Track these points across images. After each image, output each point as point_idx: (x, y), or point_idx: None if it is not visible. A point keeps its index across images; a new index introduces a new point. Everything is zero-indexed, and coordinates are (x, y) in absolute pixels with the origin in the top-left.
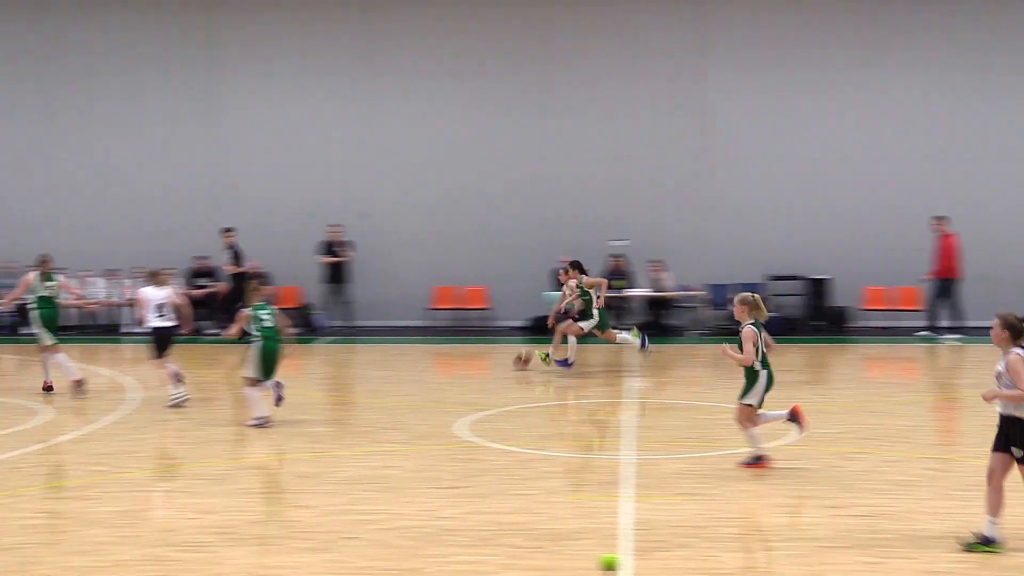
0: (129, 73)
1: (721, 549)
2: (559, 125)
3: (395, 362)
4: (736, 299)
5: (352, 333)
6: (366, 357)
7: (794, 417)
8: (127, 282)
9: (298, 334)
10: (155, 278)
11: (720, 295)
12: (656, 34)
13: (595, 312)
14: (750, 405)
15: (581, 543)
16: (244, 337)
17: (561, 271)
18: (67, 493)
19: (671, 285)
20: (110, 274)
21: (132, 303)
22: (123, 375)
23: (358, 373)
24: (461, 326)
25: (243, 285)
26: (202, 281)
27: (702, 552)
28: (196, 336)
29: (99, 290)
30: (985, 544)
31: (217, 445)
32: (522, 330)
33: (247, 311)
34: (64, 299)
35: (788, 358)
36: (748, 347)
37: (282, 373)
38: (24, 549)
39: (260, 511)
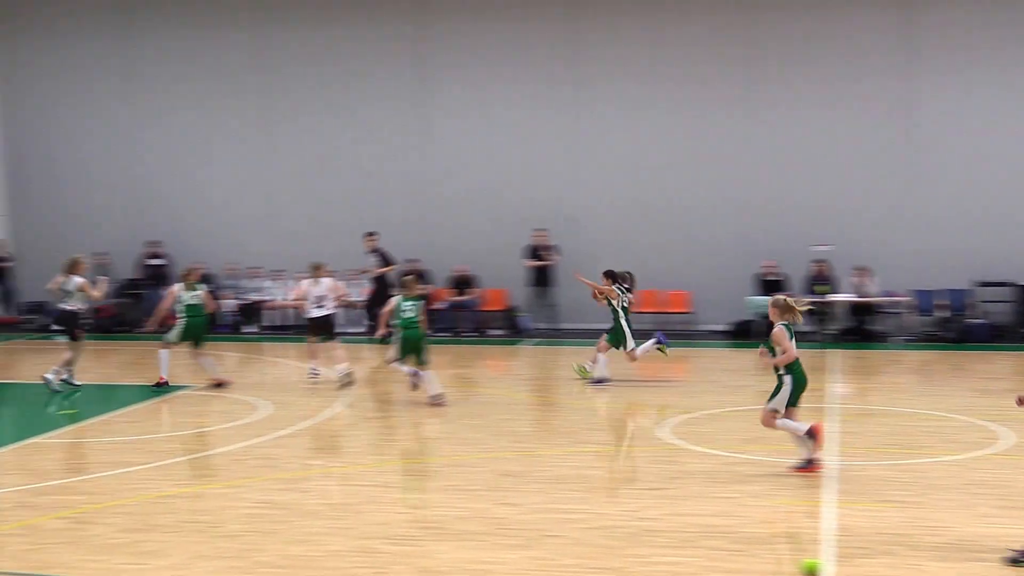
0: (339, 83)
1: (926, 558)
2: (764, 130)
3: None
4: (770, 301)
5: (556, 335)
6: (570, 359)
7: (812, 435)
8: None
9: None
10: (316, 271)
11: (927, 301)
12: (862, 39)
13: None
14: (775, 411)
15: (783, 547)
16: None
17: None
18: (284, 485)
19: (875, 291)
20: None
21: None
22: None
23: (562, 375)
24: (664, 329)
25: (386, 288)
26: None
27: (906, 560)
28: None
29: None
30: None
31: (426, 442)
32: (725, 334)
33: (393, 302)
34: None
35: (996, 366)
36: (784, 345)
37: (489, 375)
38: (245, 537)
39: (467, 507)
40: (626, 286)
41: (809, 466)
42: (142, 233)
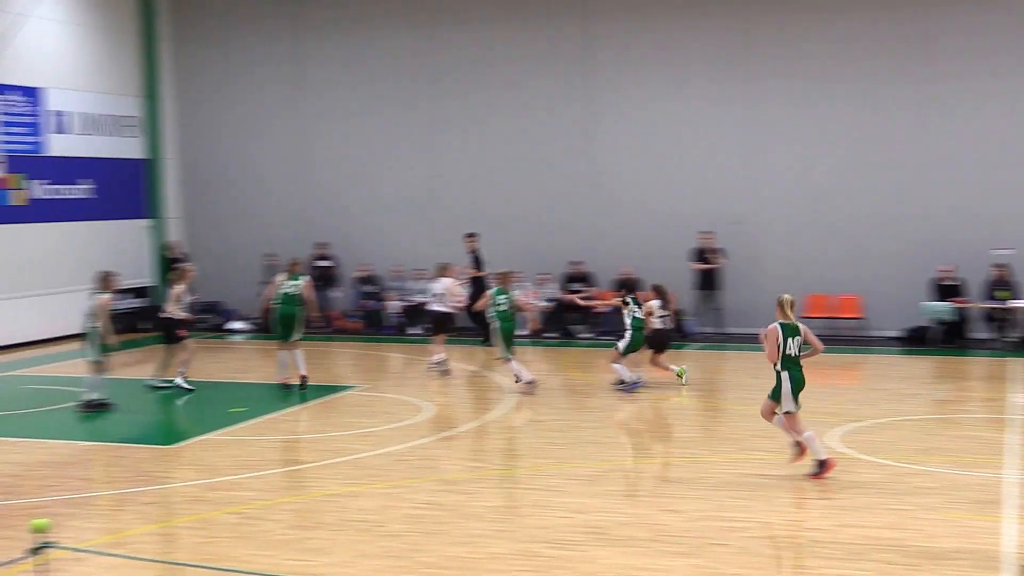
0: (504, 84)
1: None
2: (938, 130)
3: (766, 370)
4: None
5: (722, 340)
6: (736, 364)
7: (801, 451)
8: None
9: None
10: (443, 271)
11: None
12: None
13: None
14: (788, 412)
15: (958, 563)
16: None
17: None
18: (447, 487)
19: None
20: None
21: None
22: (500, 375)
23: (728, 380)
24: (834, 335)
25: (483, 291)
26: (576, 286)
27: None
28: (567, 340)
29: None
30: None
31: (589, 446)
32: (898, 341)
33: (489, 294)
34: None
35: None
36: (766, 345)
37: (653, 380)
38: (409, 537)
39: (630, 513)
40: (657, 301)
41: (822, 469)
42: (311, 235)
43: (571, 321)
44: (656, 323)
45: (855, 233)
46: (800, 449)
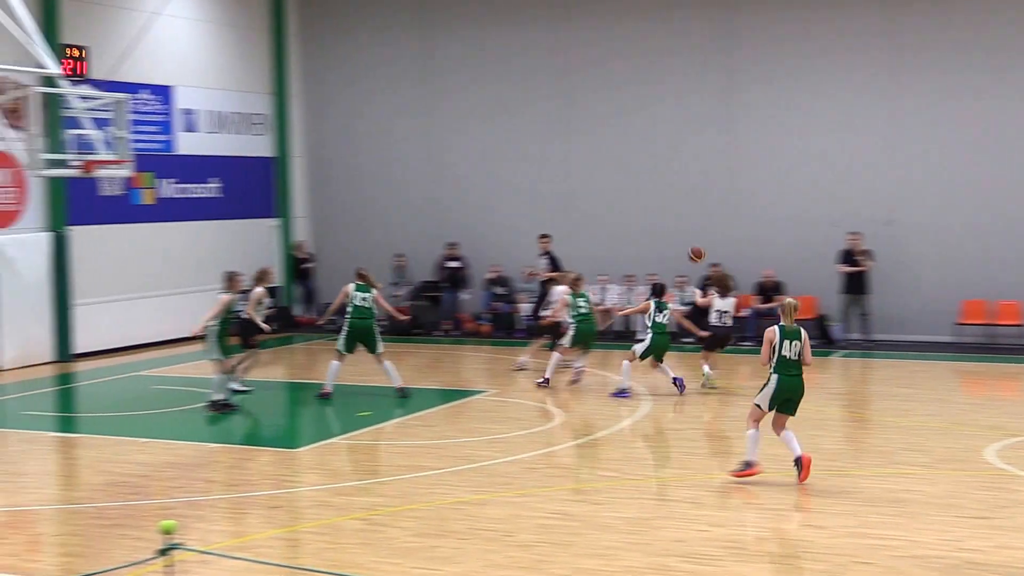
0: (640, 80)
1: None
2: None
3: (917, 379)
4: None
5: (870, 347)
6: (885, 373)
7: (799, 464)
8: (640, 288)
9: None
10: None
11: None
12: None
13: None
14: (757, 405)
15: None
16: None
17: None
18: (578, 496)
19: None
20: (626, 280)
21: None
22: (639, 381)
23: (876, 389)
24: (993, 343)
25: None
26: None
27: None
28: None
29: (614, 296)
30: None
31: (727, 457)
32: None
33: (567, 297)
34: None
35: None
36: (764, 347)
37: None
38: (539, 548)
39: (770, 527)
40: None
41: (747, 469)
42: (440, 235)
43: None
44: (714, 319)
45: (1016, 235)
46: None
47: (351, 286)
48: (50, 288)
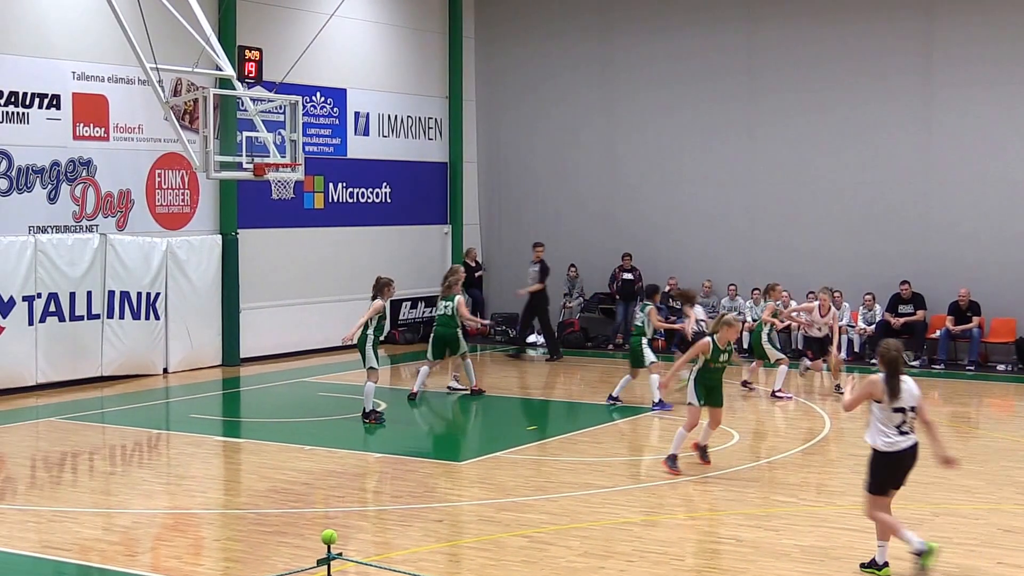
0: (832, 82)
1: None
2: None
3: None
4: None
5: None
6: None
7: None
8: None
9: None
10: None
11: None
12: None
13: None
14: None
15: None
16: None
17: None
18: (753, 521)
19: None
20: (811, 298)
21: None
22: (820, 403)
23: None
24: None
25: (544, 302)
26: (904, 308)
27: None
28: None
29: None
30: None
31: (913, 486)
32: None
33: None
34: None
35: None
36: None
37: (993, 415)
38: (709, 573)
39: (959, 564)
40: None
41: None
42: (615, 246)
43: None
44: (815, 332)
45: None
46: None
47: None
48: (219, 291)
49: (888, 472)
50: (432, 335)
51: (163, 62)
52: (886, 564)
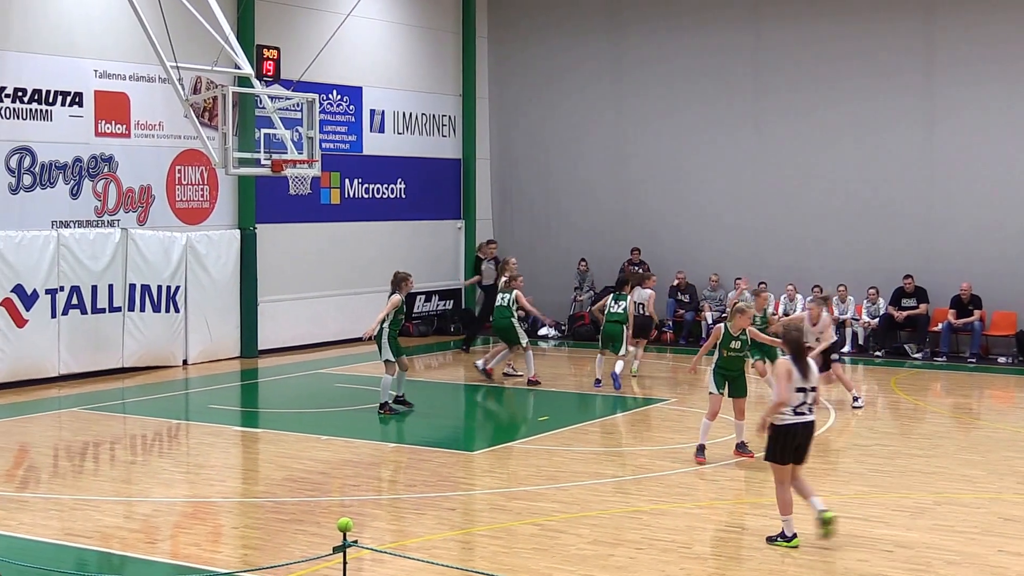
0: (835, 80)
1: None
2: None
3: None
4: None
5: None
6: None
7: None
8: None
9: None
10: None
11: None
12: None
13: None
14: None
15: None
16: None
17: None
18: (757, 510)
19: None
20: (815, 292)
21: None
22: (825, 395)
23: None
24: None
25: (493, 297)
26: (907, 302)
27: None
28: (897, 359)
29: (801, 307)
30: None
31: (916, 475)
32: None
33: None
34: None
35: None
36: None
37: (993, 407)
38: (715, 561)
39: (960, 551)
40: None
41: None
42: (624, 240)
43: (901, 339)
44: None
45: None
46: None
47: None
48: (237, 285)
49: (781, 445)
50: (496, 328)
51: (183, 61)
52: (795, 536)
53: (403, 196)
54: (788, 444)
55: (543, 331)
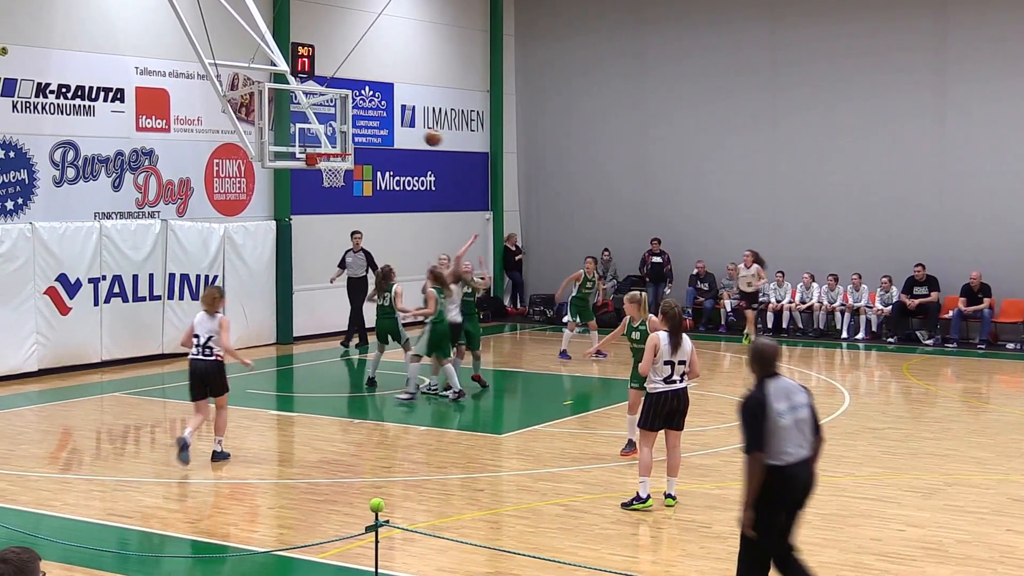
0: (851, 75)
1: None
2: None
3: None
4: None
5: None
6: None
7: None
8: (845, 288)
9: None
10: None
11: None
12: None
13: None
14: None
15: None
16: None
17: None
18: None
19: None
20: (830, 280)
21: (848, 309)
22: (840, 380)
23: None
24: None
25: (363, 290)
26: (919, 290)
27: None
28: (909, 345)
29: (816, 295)
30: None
31: (927, 457)
32: None
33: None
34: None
35: None
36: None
37: (1003, 391)
38: (734, 539)
39: (970, 531)
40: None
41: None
42: (646, 230)
43: (913, 326)
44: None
45: None
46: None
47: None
48: (273, 274)
49: (653, 412)
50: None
51: (221, 58)
52: (648, 497)
53: (433, 189)
54: (659, 411)
55: (566, 318)
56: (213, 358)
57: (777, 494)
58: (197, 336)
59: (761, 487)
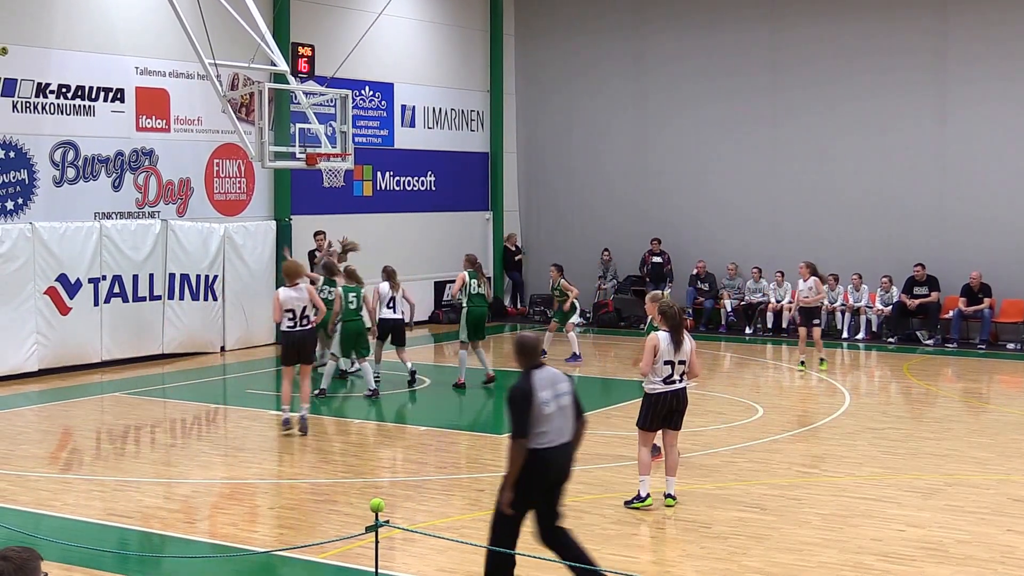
0: (852, 76)
1: None
2: None
3: None
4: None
5: None
6: None
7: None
8: (845, 288)
9: None
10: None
11: None
12: None
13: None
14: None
15: None
16: None
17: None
18: (776, 491)
19: None
20: (831, 280)
21: (849, 309)
22: (840, 380)
23: None
24: None
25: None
26: (919, 290)
27: None
28: (909, 345)
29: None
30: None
31: (928, 458)
32: None
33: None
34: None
35: None
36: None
37: (1002, 391)
38: (735, 540)
39: (971, 531)
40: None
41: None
42: (646, 231)
43: (914, 326)
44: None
45: None
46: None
47: (465, 274)
48: (273, 274)
49: (652, 413)
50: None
51: (221, 58)
52: (648, 496)
53: (433, 188)
54: (657, 411)
55: (574, 319)
56: (309, 327)
57: (537, 476)
58: (291, 311)
59: (522, 470)
